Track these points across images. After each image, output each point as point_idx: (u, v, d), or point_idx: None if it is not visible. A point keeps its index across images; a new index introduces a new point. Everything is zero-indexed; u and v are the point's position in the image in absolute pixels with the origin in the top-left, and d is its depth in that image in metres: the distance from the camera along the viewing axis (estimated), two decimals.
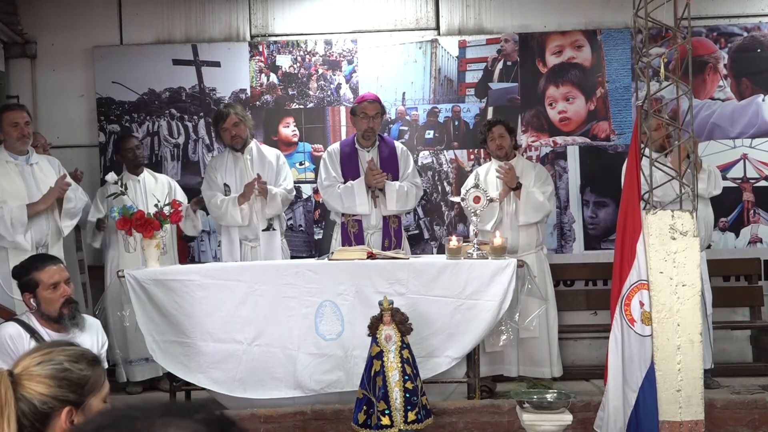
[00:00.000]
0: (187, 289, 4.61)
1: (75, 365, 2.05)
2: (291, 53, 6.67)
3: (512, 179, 5.54)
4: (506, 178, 5.53)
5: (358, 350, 4.50)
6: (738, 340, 6.49)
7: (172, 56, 6.66)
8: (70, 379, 2.03)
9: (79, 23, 6.69)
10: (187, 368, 4.63)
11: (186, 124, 6.64)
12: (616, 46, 6.62)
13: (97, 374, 2.09)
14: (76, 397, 2.03)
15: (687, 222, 3.83)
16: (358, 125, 5.64)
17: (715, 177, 5.47)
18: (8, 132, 5.14)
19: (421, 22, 6.78)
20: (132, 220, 4.78)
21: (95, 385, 2.08)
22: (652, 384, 3.80)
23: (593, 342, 6.36)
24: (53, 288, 3.80)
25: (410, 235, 6.33)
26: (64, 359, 2.06)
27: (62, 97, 6.69)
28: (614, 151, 6.57)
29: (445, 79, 6.64)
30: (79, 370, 2.05)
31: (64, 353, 2.08)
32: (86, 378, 2.06)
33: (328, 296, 4.62)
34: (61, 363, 2.04)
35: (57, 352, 2.09)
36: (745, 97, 6.61)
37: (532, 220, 5.60)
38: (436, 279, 4.60)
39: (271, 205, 5.48)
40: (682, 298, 3.81)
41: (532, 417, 3.86)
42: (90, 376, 2.07)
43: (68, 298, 3.83)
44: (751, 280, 6.48)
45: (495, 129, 5.74)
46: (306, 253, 6.48)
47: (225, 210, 5.47)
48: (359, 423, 4.06)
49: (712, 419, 4.13)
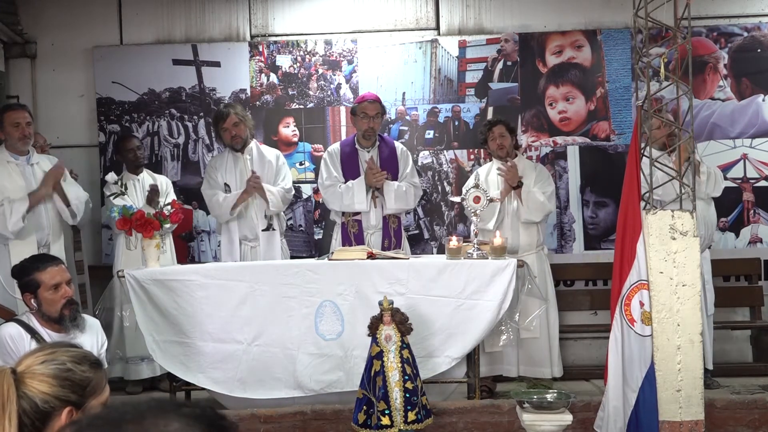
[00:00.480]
0: (187, 289, 4.61)
1: (78, 366, 2.06)
2: (291, 53, 6.67)
3: (514, 177, 5.54)
4: (508, 176, 5.53)
5: (358, 350, 4.50)
6: (738, 340, 6.49)
7: (172, 56, 6.66)
8: (73, 379, 2.04)
9: (79, 23, 6.69)
10: (187, 368, 4.63)
11: (186, 124, 6.64)
12: (616, 46, 6.62)
13: (98, 377, 2.10)
14: (77, 398, 2.03)
15: (687, 222, 3.83)
16: (359, 125, 5.64)
17: (715, 178, 5.45)
18: (9, 132, 5.14)
19: (421, 22, 6.78)
20: (132, 220, 4.78)
21: (97, 387, 2.08)
22: (652, 384, 3.80)
23: (593, 342, 6.35)
24: (54, 289, 3.79)
25: (410, 235, 6.33)
26: (68, 360, 2.06)
27: (62, 97, 6.69)
28: (614, 151, 6.57)
29: (445, 79, 6.64)
30: (82, 372, 2.06)
31: (67, 354, 2.09)
32: (88, 380, 2.06)
33: (328, 296, 4.61)
34: (65, 363, 2.05)
35: (60, 352, 2.09)
36: (745, 97, 6.61)
37: (534, 219, 5.60)
38: (436, 279, 4.60)
39: (272, 201, 5.47)
40: (682, 298, 3.81)
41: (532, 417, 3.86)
42: (92, 378, 2.08)
43: (69, 299, 3.82)
44: (751, 280, 6.48)
45: (495, 129, 5.74)
46: (306, 253, 6.48)
47: (227, 207, 5.47)
48: (359, 423, 4.06)
49: (712, 419, 4.13)
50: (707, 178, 5.36)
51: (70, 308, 3.80)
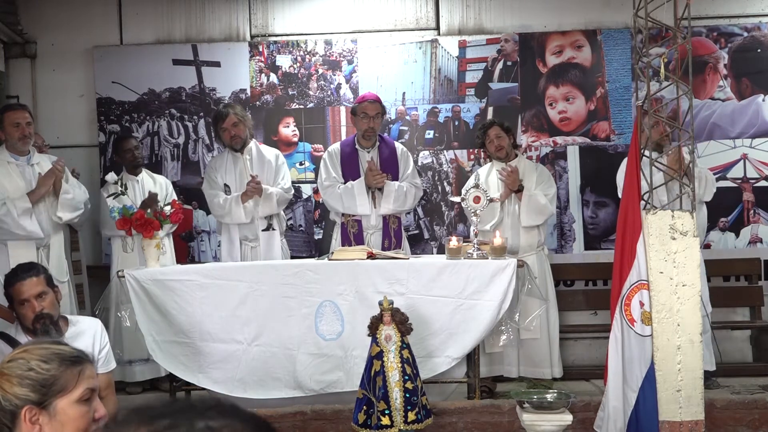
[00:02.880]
0: (187, 289, 4.61)
1: (42, 365, 2.04)
2: (291, 53, 6.67)
3: (514, 182, 5.53)
4: (508, 181, 5.52)
5: (358, 350, 4.50)
6: (738, 340, 6.48)
7: (172, 56, 6.66)
8: (33, 378, 2.03)
9: (79, 23, 6.69)
10: (187, 368, 4.63)
11: (186, 124, 6.64)
12: (616, 46, 6.62)
13: (69, 375, 2.06)
14: (38, 396, 2.02)
15: (687, 222, 3.83)
16: (359, 125, 5.64)
17: (706, 182, 5.43)
18: (9, 132, 5.14)
19: (421, 22, 6.78)
20: (132, 220, 4.78)
21: (65, 385, 2.05)
22: (652, 384, 3.80)
23: (593, 342, 6.35)
24: (22, 304, 3.79)
25: (410, 235, 6.33)
26: (34, 358, 2.05)
27: (62, 97, 6.69)
28: (614, 151, 6.57)
29: (445, 79, 6.64)
30: (45, 370, 2.04)
31: (37, 351, 2.08)
32: (51, 378, 2.04)
33: (328, 296, 4.61)
34: (28, 362, 2.04)
35: (32, 350, 2.09)
36: (745, 97, 6.61)
37: (534, 223, 5.59)
38: (436, 279, 4.60)
39: (267, 204, 5.48)
40: (682, 298, 3.81)
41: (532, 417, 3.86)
42: (57, 376, 2.05)
43: (38, 314, 3.76)
44: (751, 280, 6.48)
45: (491, 131, 5.74)
46: (306, 253, 6.48)
47: (228, 209, 5.47)
48: (359, 423, 4.06)
49: (712, 419, 4.13)
50: (699, 182, 5.34)
51: (41, 322, 3.75)
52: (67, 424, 2.05)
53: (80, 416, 2.08)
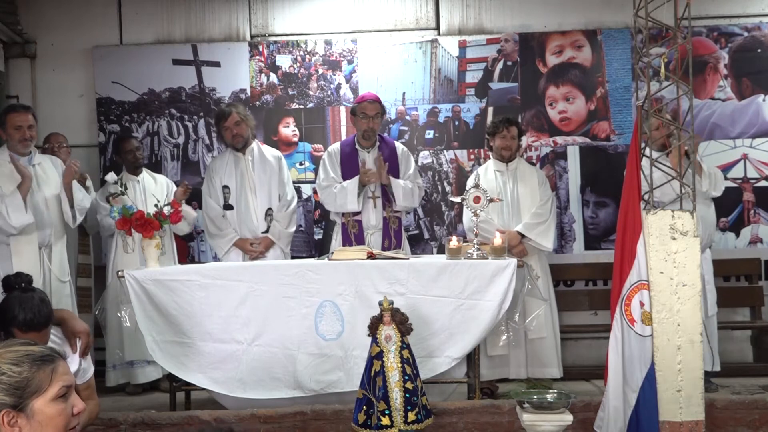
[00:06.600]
0: (187, 289, 4.60)
1: (13, 368, 2.06)
2: (291, 53, 6.67)
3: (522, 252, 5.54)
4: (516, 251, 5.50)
5: (358, 350, 4.50)
6: (738, 340, 6.49)
7: (172, 56, 6.66)
8: (5, 382, 2.05)
9: (79, 23, 6.70)
10: (187, 368, 4.62)
11: (186, 124, 6.64)
12: (616, 46, 6.62)
13: (42, 375, 2.08)
14: (13, 399, 2.04)
15: (687, 222, 3.83)
16: (358, 125, 5.64)
17: (715, 178, 5.46)
18: (11, 134, 5.14)
19: (421, 22, 6.78)
20: (132, 220, 4.77)
21: (39, 386, 2.07)
22: (652, 384, 3.80)
23: (593, 342, 6.35)
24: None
25: (410, 235, 6.33)
26: (4, 362, 2.07)
27: (62, 97, 6.70)
28: (614, 151, 6.57)
29: (445, 79, 6.64)
30: (17, 374, 2.05)
31: (7, 355, 2.09)
32: (24, 380, 2.06)
33: (328, 296, 4.61)
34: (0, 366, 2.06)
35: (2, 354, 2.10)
36: (745, 97, 6.61)
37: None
38: (436, 279, 4.59)
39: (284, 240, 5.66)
40: (683, 298, 3.81)
41: (532, 417, 3.86)
42: (30, 378, 2.07)
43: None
44: (752, 280, 6.48)
45: (512, 129, 5.74)
46: (306, 253, 6.48)
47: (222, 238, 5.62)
48: (359, 423, 4.05)
49: (712, 419, 4.13)
50: (708, 177, 5.36)
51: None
52: (46, 424, 2.08)
53: (58, 414, 2.10)
